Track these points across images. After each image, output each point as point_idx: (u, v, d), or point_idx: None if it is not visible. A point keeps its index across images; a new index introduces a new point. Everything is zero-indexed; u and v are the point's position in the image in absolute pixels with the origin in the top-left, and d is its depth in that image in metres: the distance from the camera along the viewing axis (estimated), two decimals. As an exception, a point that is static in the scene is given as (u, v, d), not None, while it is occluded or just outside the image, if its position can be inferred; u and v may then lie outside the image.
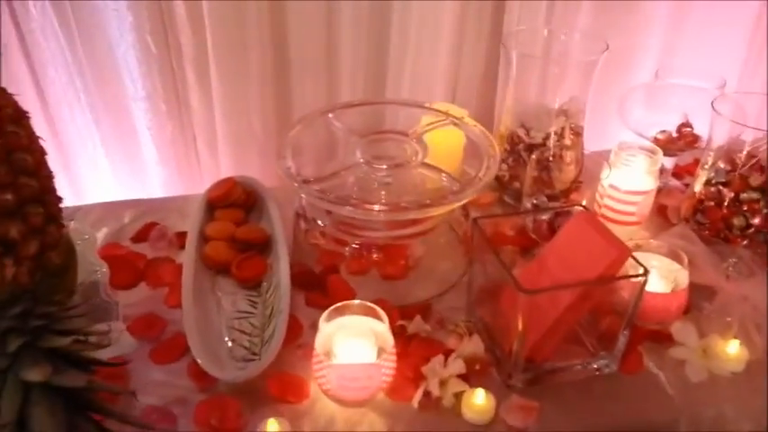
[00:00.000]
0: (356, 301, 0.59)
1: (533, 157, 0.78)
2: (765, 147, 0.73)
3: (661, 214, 0.83)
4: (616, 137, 0.87)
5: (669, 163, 0.89)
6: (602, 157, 0.84)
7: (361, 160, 0.73)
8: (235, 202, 0.80)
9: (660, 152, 0.81)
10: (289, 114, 1.04)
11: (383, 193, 0.73)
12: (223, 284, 0.71)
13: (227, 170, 1.05)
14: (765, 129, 0.72)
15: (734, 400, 0.60)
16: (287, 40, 0.98)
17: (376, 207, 0.65)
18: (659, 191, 0.83)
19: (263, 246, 0.75)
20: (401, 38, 1.00)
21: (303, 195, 0.71)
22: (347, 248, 0.74)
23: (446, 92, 1.06)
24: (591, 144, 0.89)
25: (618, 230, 0.80)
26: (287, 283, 0.66)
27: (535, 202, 0.81)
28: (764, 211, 0.70)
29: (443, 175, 0.73)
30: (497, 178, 0.87)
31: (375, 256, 0.74)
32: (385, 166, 0.72)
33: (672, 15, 1.09)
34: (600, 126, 1.01)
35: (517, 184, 0.85)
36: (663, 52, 1.11)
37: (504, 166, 0.87)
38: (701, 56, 1.10)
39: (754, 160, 0.73)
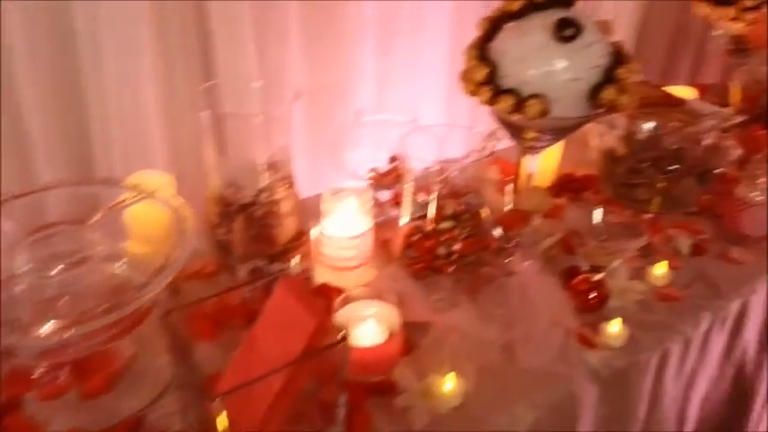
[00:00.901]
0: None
1: (240, 217, 0.74)
2: (456, 175, 0.78)
3: (386, 248, 0.85)
4: (339, 178, 0.87)
5: (388, 195, 0.92)
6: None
7: (28, 266, 0.61)
8: None
9: (368, 192, 0.82)
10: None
11: (64, 300, 0.62)
12: None
13: None
14: (455, 158, 0.77)
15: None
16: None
17: (43, 329, 0.54)
18: (380, 225, 0.84)
19: None
20: (100, 108, 0.90)
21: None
22: (32, 374, 0.62)
23: (164, 159, 0.98)
24: (317, 188, 0.87)
25: (345, 276, 0.80)
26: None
27: (255, 266, 0.77)
28: (461, 236, 0.75)
29: (130, 265, 0.65)
30: (220, 244, 0.81)
31: (67, 374, 0.62)
32: (59, 268, 0.62)
33: (378, 52, 1.13)
34: (324, 168, 1.01)
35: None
36: (374, 89, 1.15)
37: (221, 232, 0.81)
38: (410, 92, 1.17)
39: (446, 189, 0.77)
